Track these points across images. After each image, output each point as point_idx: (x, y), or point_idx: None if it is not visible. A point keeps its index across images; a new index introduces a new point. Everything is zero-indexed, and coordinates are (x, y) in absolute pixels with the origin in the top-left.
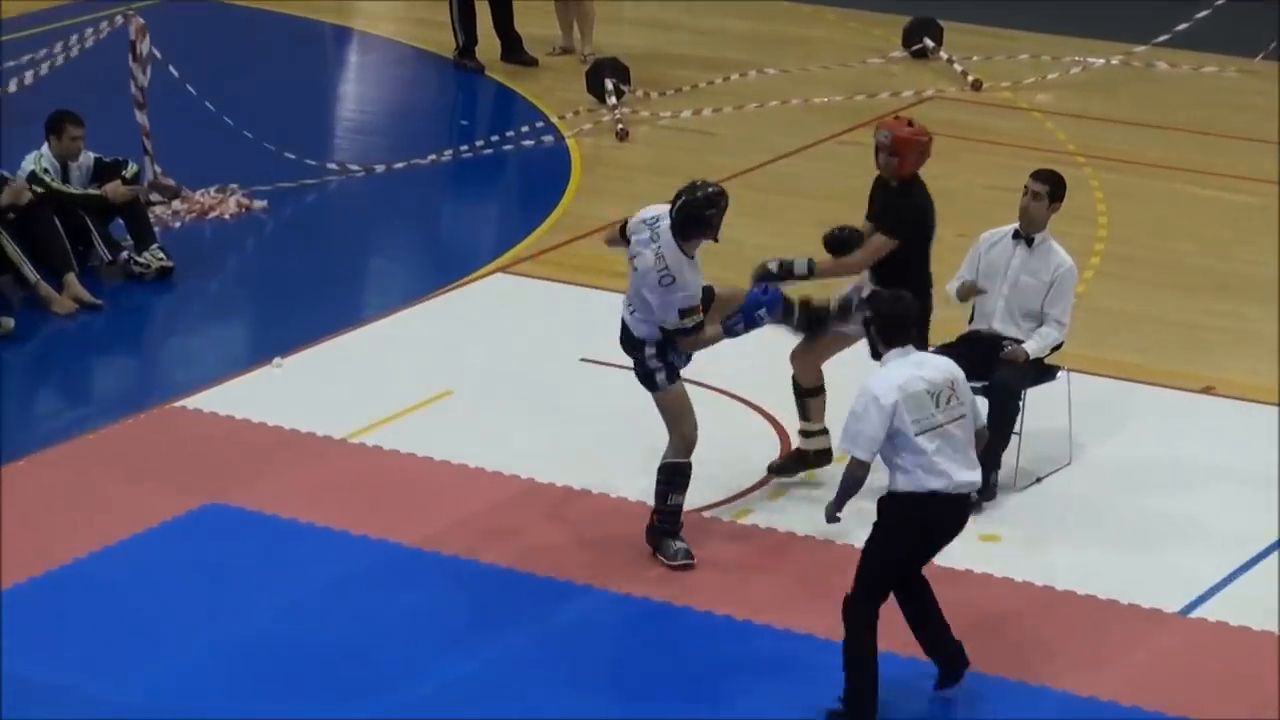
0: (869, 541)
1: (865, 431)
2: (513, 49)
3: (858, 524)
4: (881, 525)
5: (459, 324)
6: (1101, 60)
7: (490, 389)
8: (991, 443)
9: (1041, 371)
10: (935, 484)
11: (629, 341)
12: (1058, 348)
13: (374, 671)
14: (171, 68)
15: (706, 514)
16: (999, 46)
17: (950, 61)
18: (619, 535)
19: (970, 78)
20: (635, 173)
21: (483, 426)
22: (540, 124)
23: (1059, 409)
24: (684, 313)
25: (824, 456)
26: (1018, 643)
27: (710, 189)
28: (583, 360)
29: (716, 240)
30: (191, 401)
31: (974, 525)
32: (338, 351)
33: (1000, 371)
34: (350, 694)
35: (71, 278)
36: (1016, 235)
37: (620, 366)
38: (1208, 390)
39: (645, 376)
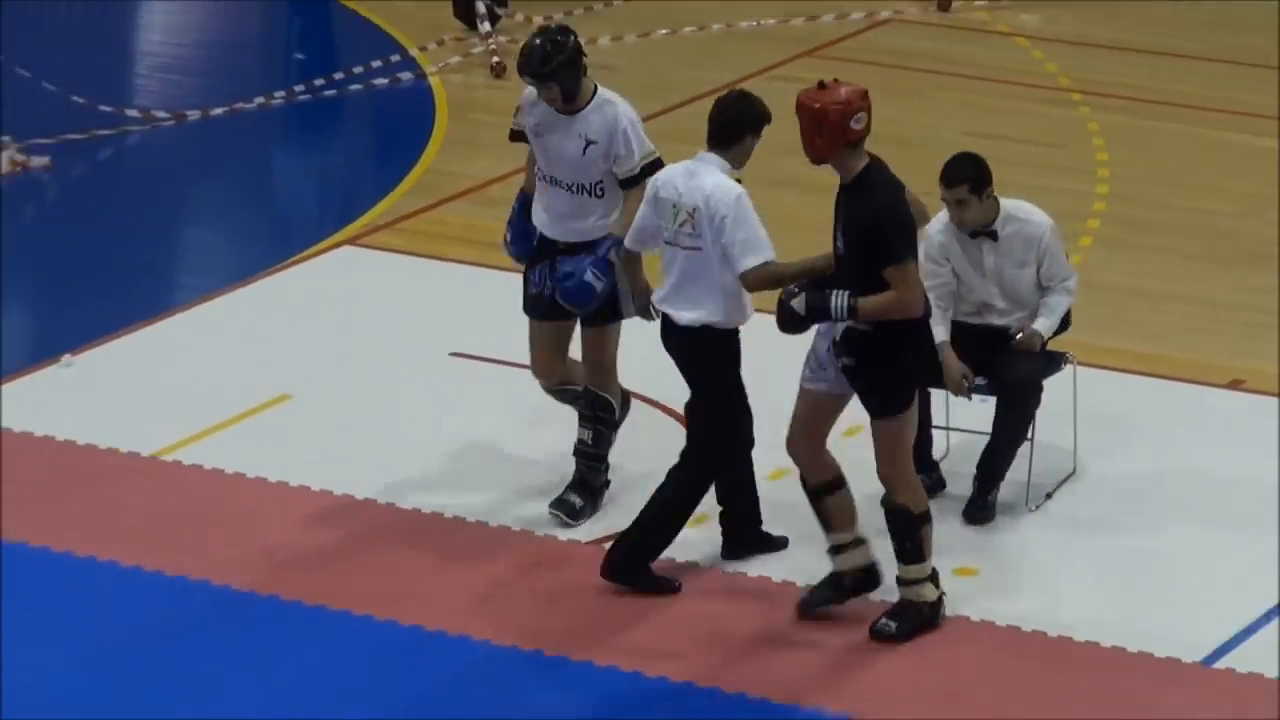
0: None
1: None
2: None
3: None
4: None
5: (297, 311)
6: None
7: (336, 392)
8: (998, 452)
9: (1050, 360)
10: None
11: None
12: (1068, 318)
13: None
14: None
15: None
16: None
17: None
18: (491, 573)
19: None
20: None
21: (326, 439)
22: (396, 57)
23: (1063, 410)
24: None
25: (870, 575)
26: (998, 702)
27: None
28: (452, 355)
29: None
30: None
31: (948, 557)
32: (143, 346)
33: (1016, 365)
34: None
35: None
36: (974, 233)
37: (504, 364)
38: (1235, 384)
39: None
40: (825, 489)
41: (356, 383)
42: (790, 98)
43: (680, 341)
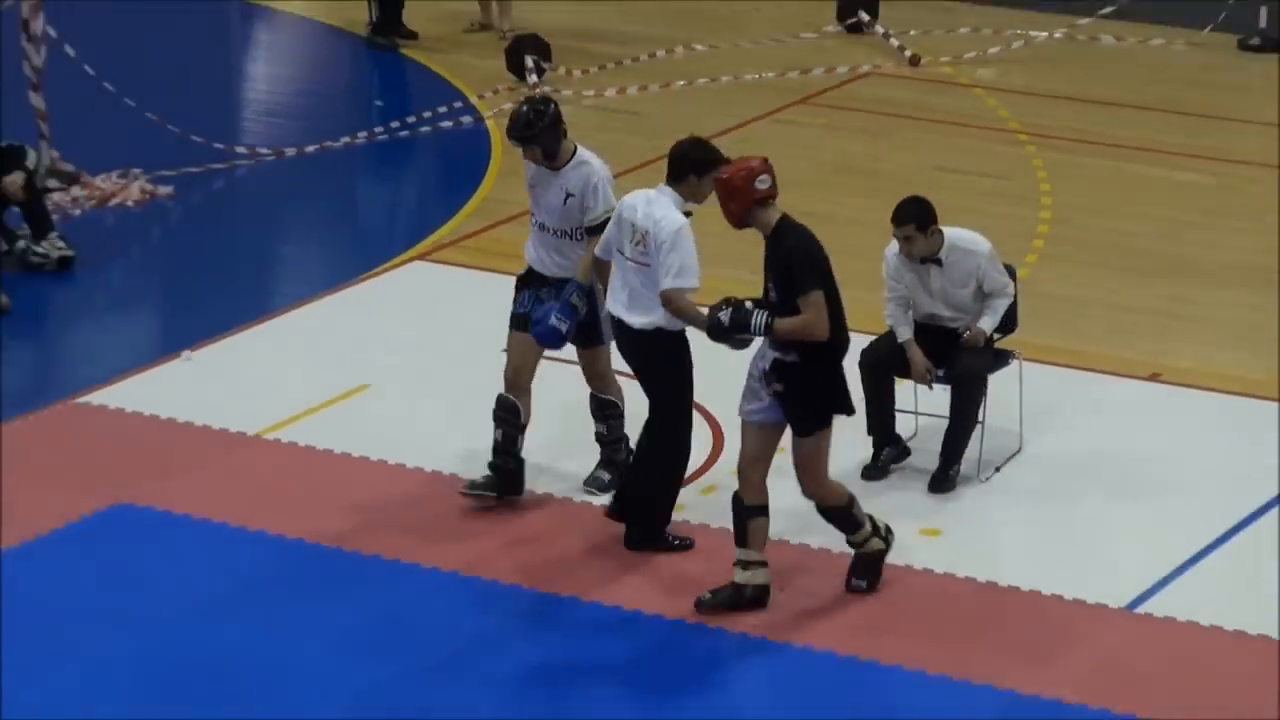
0: None
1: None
2: (389, 21)
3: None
4: None
5: (375, 315)
6: (1045, 34)
7: (407, 383)
8: (956, 433)
9: (997, 356)
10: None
11: None
12: (1012, 320)
13: (283, 676)
14: (68, 47)
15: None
16: (937, 20)
17: (887, 36)
18: (543, 533)
19: (908, 53)
20: None
21: (399, 422)
22: (458, 104)
23: (1009, 398)
24: None
25: (763, 594)
26: (959, 641)
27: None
28: (503, 351)
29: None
30: (96, 397)
31: (915, 519)
32: (249, 344)
33: (963, 358)
34: (256, 699)
35: None
36: (923, 260)
37: (550, 359)
38: (1154, 377)
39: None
40: (756, 511)
41: (424, 374)
42: (787, 138)
43: (634, 342)
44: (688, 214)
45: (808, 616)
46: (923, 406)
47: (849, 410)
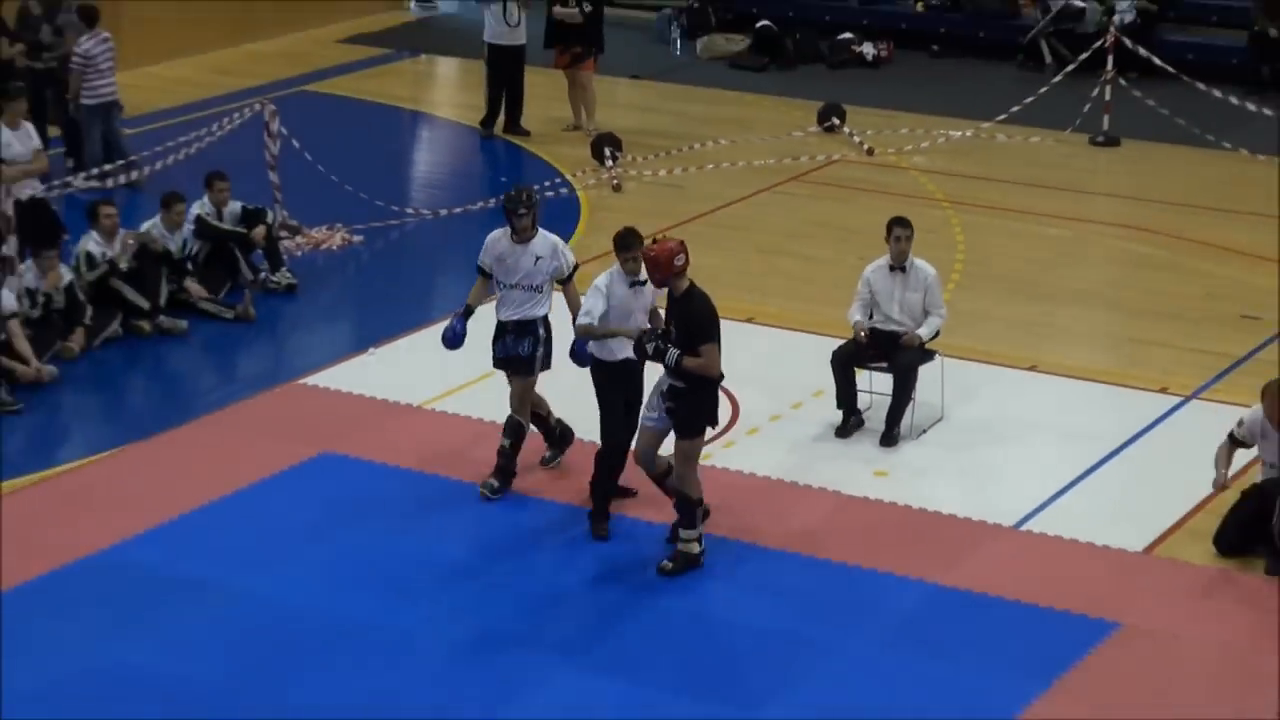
0: None
1: None
2: (513, 123)
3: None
4: None
5: None
6: (959, 133)
7: None
8: (897, 406)
9: (926, 354)
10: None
11: None
12: (939, 332)
13: (449, 571)
14: (294, 140)
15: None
16: (886, 123)
17: (851, 134)
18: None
19: (866, 146)
20: (626, 215)
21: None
22: (558, 179)
23: (935, 382)
24: None
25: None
26: (897, 547)
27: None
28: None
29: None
30: (310, 380)
31: (869, 464)
32: (414, 343)
33: (901, 354)
34: (428, 592)
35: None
36: (893, 268)
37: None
38: (1033, 368)
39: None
40: (665, 475)
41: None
42: (782, 204)
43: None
44: (641, 282)
45: (783, 528)
46: (876, 389)
47: (715, 424)
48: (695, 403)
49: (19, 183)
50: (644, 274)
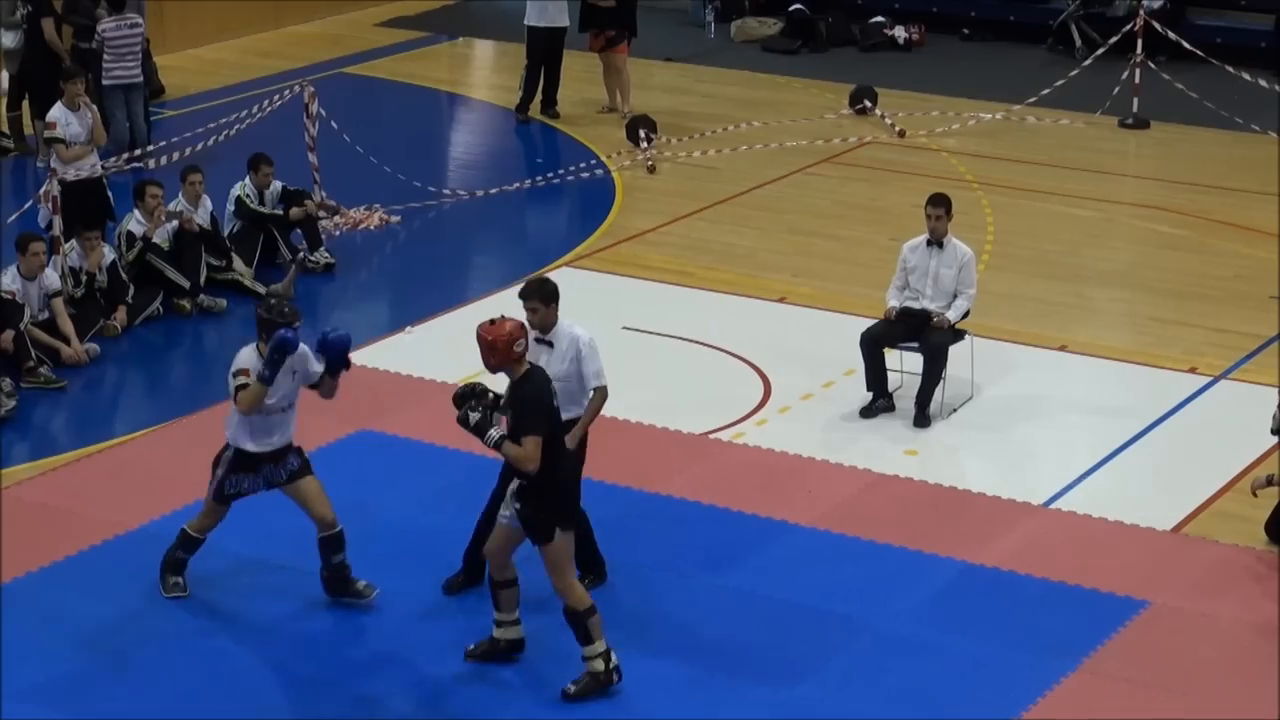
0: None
1: None
2: (548, 104)
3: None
4: None
5: None
6: (989, 115)
7: None
8: (927, 387)
9: (956, 334)
10: None
11: None
12: (968, 313)
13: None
14: (333, 122)
15: (710, 436)
16: (917, 105)
17: (883, 116)
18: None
19: (897, 128)
20: (660, 196)
21: None
22: (594, 161)
23: (965, 361)
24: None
25: (516, 646)
26: (928, 525)
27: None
28: (624, 328)
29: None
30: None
31: (900, 443)
32: (451, 322)
33: (932, 335)
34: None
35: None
36: (929, 243)
37: (653, 334)
38: (1063, 348)
39: None
40: (505, 584)
41: None
42: (815, 185)
43: None
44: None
45: (814, 506)
46: (906, 368)
47: (567, 528)
48: (538, 503)
49: (77, 161)
50: (548, 335)
